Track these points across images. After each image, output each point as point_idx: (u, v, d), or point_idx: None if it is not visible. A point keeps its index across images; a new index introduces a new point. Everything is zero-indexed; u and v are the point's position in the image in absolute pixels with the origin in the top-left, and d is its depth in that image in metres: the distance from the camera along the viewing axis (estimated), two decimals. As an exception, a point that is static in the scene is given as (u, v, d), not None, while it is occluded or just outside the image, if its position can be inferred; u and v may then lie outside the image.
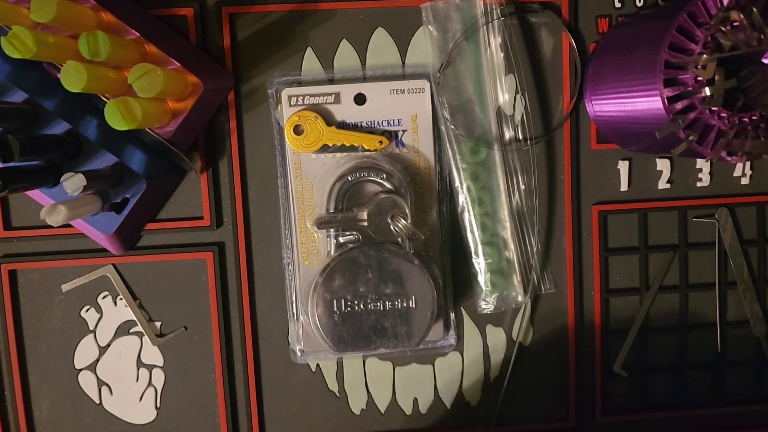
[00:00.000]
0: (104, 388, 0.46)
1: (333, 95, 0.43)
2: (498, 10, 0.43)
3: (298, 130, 0.43)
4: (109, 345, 0.45)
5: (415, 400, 0.47)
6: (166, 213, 0.44)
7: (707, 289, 0.47)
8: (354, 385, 0.46)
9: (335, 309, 0.41)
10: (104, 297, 0.45)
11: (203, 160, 0.44)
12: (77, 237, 0.44)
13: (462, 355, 0.46)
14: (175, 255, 0.44)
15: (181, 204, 0.44)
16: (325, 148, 0.43)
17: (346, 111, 0.43)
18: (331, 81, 0.44)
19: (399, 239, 0.42)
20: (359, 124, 0.43)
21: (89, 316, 0.45)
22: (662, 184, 0.46)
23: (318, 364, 0.46)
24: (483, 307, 0.45)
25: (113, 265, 0.44)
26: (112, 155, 0.39)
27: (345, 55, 0.44)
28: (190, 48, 0.42)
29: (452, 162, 0.44)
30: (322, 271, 0.41)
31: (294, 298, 0.44)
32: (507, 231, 0.44)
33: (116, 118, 0.35)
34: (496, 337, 0.46)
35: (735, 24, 0.34)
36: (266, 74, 0.44)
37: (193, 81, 0.39)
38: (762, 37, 0.34)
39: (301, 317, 0.44)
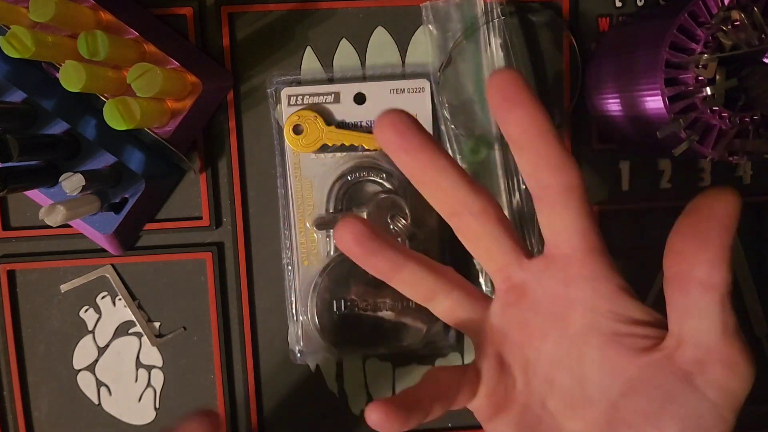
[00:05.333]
0: (103, 389, 0.46)
1: (332, 95, 0.43)
2: (498, 10, 0.43)
3: (297, 130, 0.43)
4: (108, 345, 0.45)
5: (415, 401, 0.47)
6: (165, 213, 0.44)
7: (708, 289, 0.47)
8: (354, 385, 0.46)
9: (335, 309, 0.41)
10: (103, 297, 0.45)
11: (202, 160, 0.44)
12: (76, 237, 0.44)
13: (462, 356, 0.46)
14: (174, 255, 0.44)
15: (180, 204, 0.44)
16: (324, 148, 0.43)
17: (345, 110, 0.43)
18: (331, 80, 0.44)
19: (399, 239, 0.41)
20: (359, 123, 0.43)
21: (88, 316, 0.45)
22: (663, 184, 0.46)
23: (317, 365, 0.46)
24: (483, 307, 0.45)
25: (112, 265, 0.44)
26: (111, 155, 0.39)
27: (345, 55, 0.44)
28: (189, 47, 0.42)
29: (452, 162, 0.44)
30: (321, 272, 0.41)
31: (293, 299, 0.44)
32: (507, 231, 0.44)
33: (115, 118, 0.35)
34: (497, 337, 0.46)
35: (736, 23, 0.34)
36: (265, 74, 0.44)
37: (192, 80, 0.39)
38: (763, 36, 0.33)
39: (301, 318, 0.44)
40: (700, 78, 0.34)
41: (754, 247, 0.47)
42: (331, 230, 0.42)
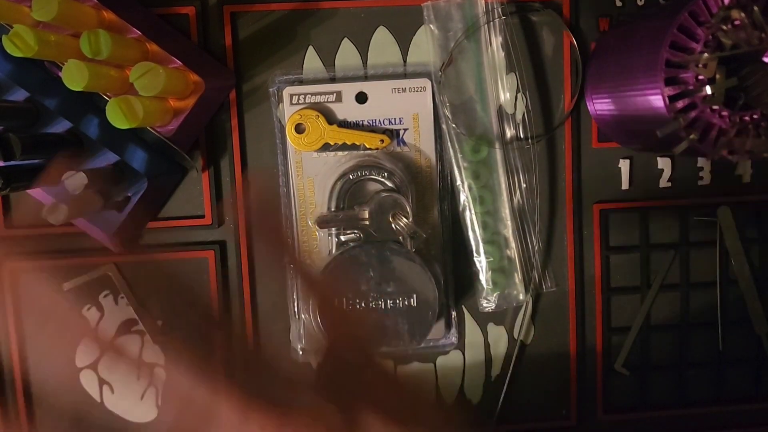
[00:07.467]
0: (105, 387, 0.46)
1: (334, 94, 0.43)
2: (499, 9, 0.43)
3: (299, 129, 0.43)
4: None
5: (416, 399, 0.47)
6: (168, 212, 0.44)
7: (708, 287, 0.47)
8: (355, 383, 0.46)
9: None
10: (105, 296, 0.45)
11: (204, 159, 0.44)
12: (78, 235, 0.44)
13: (463, 354, 0.46)
14: (177, 254, 0.44)
15: (182, 203, 0.44)
16: (326, 147, 0.43)
17: (347, 110, 0.43)
18: (333, 80, 0.44)
19: (400, 238, 0.42)
20: (360, 122, 0.43)
21: (90, 314, 0.45)
22: (663, 183, 0.46)
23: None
24: (484, 305, 0.45)
25: (114, 263, 0.44)
26: (114, 154, 0.39)
27: (346, 54, 0.44)
28: (192, 47, 0.42)
29: (453, 160, 0.44)
30: (323, 270, 0.41)
31: (295, 297, 0.44)
32: (508, 229, 0.44)
33: (118, 117, 0.35)
34: (498, 335, 0.46)
35: (736, 23, 0.34)
36: (268, 73, 0.44)
37: (194, 79, 0.39)
38: (763, 35, 0.34)
39: (303, 316, 0.44)
40: (700, 77, 0.34)
41: (754, 247, 0.47)
42: (333, 228, 0.42)
